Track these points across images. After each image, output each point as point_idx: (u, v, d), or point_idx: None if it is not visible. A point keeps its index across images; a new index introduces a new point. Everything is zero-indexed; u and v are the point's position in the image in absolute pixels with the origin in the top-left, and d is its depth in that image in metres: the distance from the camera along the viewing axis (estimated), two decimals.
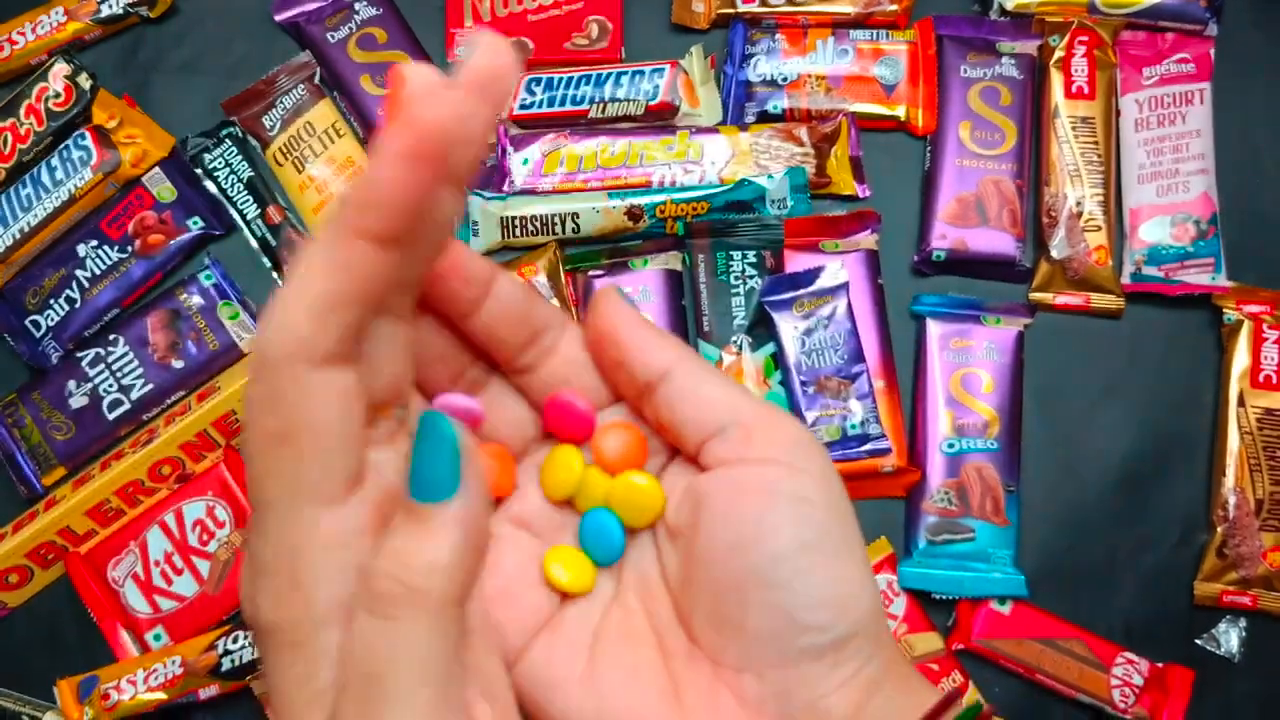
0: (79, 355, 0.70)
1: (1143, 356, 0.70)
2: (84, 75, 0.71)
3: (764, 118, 0.71)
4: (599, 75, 0.70)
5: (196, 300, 0.70)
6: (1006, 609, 0.66)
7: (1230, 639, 0.67)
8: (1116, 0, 0.71)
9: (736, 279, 0.68)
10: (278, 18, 0.74)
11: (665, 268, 0.69)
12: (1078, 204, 0.69)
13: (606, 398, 0.32)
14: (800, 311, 0.67)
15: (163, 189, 0.71)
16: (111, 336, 0.70)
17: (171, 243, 0.71)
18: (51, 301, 0.70)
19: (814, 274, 0.67)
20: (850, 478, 0.66)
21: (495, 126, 0.23)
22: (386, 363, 0.26)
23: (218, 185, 0.72)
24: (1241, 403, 0.68)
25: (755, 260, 0.68)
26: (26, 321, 0.70)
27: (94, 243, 0.71)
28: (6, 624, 0.70)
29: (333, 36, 0.72)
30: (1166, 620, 0.68)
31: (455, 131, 0.22)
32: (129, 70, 0.74)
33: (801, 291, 0.67)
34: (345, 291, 0.23)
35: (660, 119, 0.71)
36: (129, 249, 0.71)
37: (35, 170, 0.71)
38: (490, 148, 0.71)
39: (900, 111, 0.71)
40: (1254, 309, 0.68)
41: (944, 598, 0.66)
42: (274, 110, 0.72)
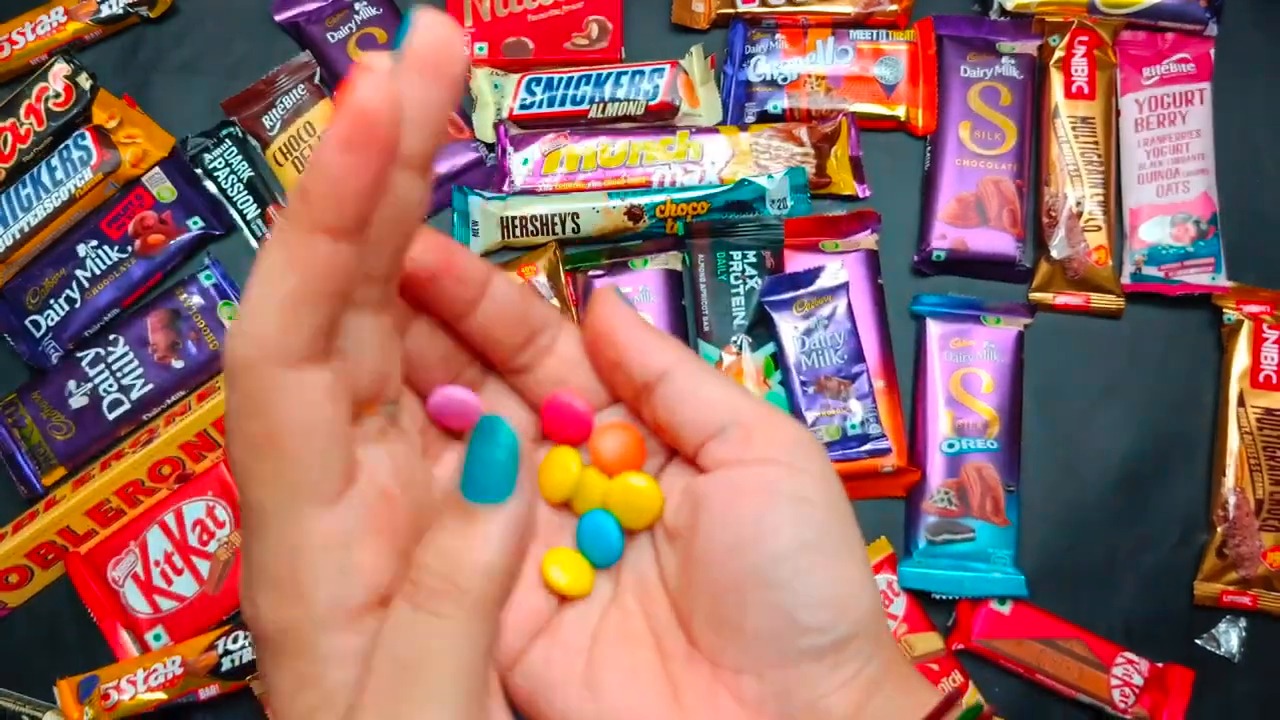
0: (79, 355, 0.70)
1: (1143, 356, 0.70)
2: (84, 75, 0.71)
3: (764, 118, 0.71)
4: (599, 75, 0.70)
5: (196, 300, 0.70)
6: (1006, 609, 0.66)
7: (1230, 639, 0.67)
8: (1116, 0, 0.71)
9: (736, 279, 0.68)
10: (278, 18, 0.74)
11: (665, 268, 0.69)
12: (1078, 204, 0.69)
13: (604, 399, 0.31)
14: (800, 311, 0.67)
15: (163, 189, 0.71)
16: (111, 336, 0.70)
17: (171, 243, 0.71)
18: (51, 301, 0.70)
19: (814, 274, 0.67)
20: (850, 478, 0.66)
21: (454, 105, 0.23)
22: (367, 358, 0.25)
23: (218, 185, 0.72)
24: (1241, 403, 0.68)
25: (755, 260, 0.68)
26: (26, 321, 0.70)
27: (94, 243, 0.71)
28: (6, 624, 0.70)
29: (333, 36, 0.72)
30: (1166, 620, 0.68)
31: (393, 115, 0.21)
32: (129, 70, 0.74)
33: (801, 291, 0.67)
34: (309, 289, 0.22)
35: (660, 119, 0.71)
36: (129, 249, 0.71)
37: (35, 170, 0.71)
38: (489, 146, 0.72)
39: (900, 111, 0.71)
40: (1254, 309, 0.68)
41: (944, 598, 0.66)
42: (274, 110, 0.72)
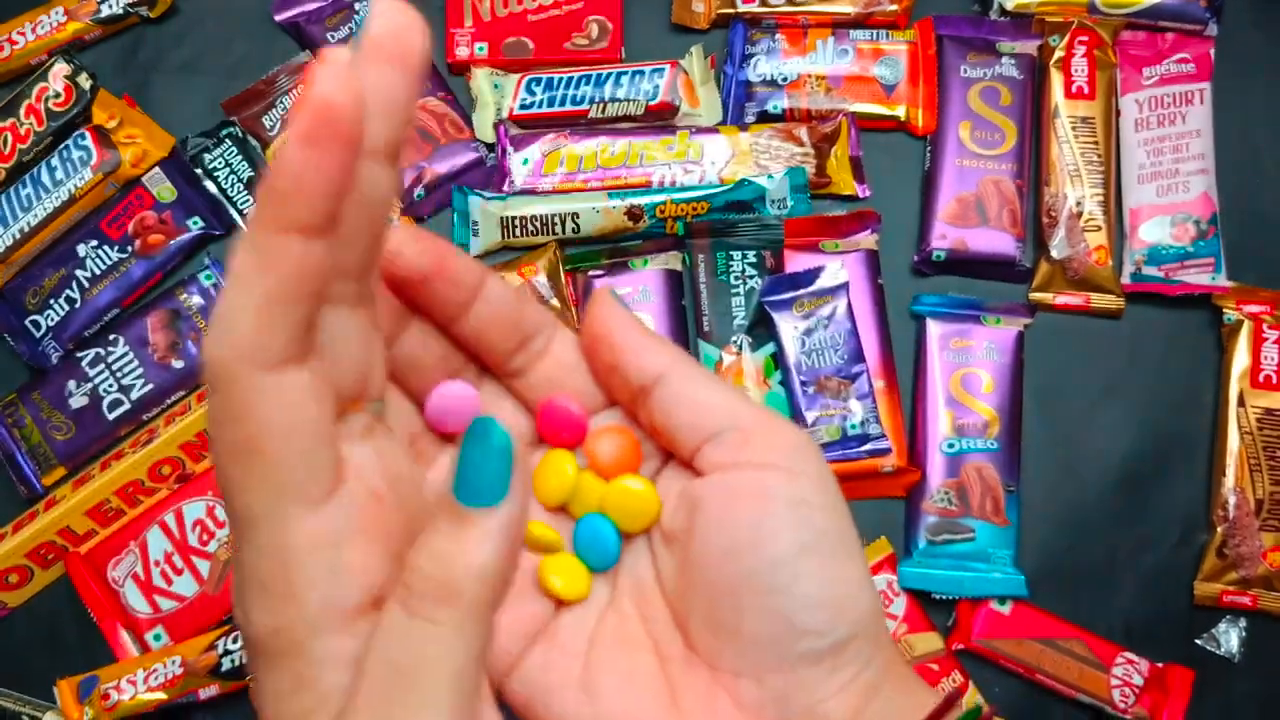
0: (79, 355, 0.70)
1: (1143, 356, 0.70)
2: (84, 75, 0.71)
3: (764, 118, 0.71)
4: (599, 75, 0.70)
5: (196, 300, 0.70)
6: (1006, 609, 0.66)
7: (1230, 639, 0.67)
8: (1116, 0, 0.71)
9: (736, 279, 0.68)
10: (278, 18, 0.74)
11: (665, 268, 0.69)
12: (1078, 204, 0.69)
13: (600, 401, 0.31)
14: (800, 311, 0.66)
15: (163, 189, 0.71)
16: (111, 336, 0.70)
17: (171, 243, 0.71)
18: (51, 301, 0.70)
19: (814, 274, 0.67)
20: (850, 478, 0.66)
21: (418, 92, 0.23)
22: (347, 354, 0.25)
23: (218, 185, 0.72)
24: (1241, 403, 0.67)
25: (755, 260, 0.68)
26: (26, 321, 0.70)
27: (94, 243, 0.71)
28: (6, 624, 0.70)
29: (333, 36, 0.72)
30: (1166, 620, 0.68)
31: (355, 106, 0.21)
32: (129, 70, 0.74)
33: (801, 291, 0.67)
34: (283, 290, 0.22)
35: (660, 119, 0.71)
36: (129, 249, 0.71)
37: (35, 170, 0.71)
38: (489, 146, 0.72)
39: (900, 111, 0.71)
40: (1254, 309, 0.68)
41: (944, 598, 0.66)
42: (274, 110, 0.72)
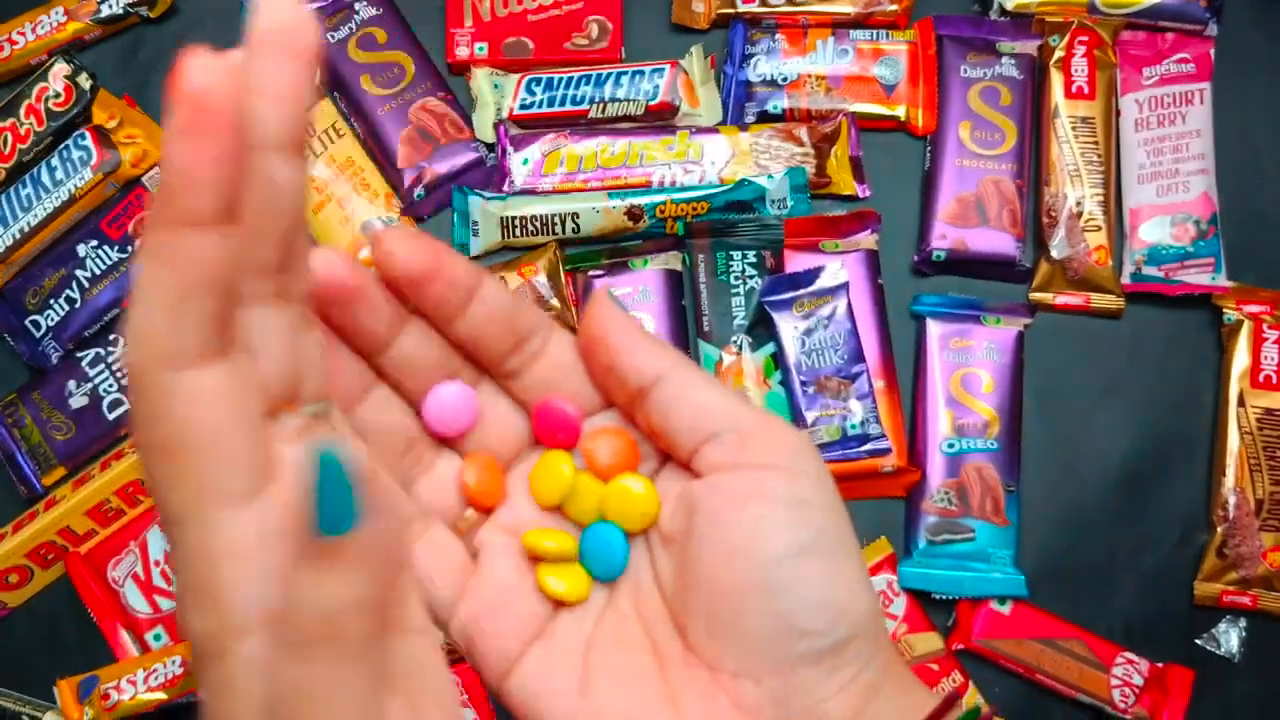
0: (79, 355, 0.70)
1: (1143, 356, 0.70)
2: (84, 75, 0.71)
3: (764, 118, 0.71)
4: (599, 75, 0.70)
5: None
6: (1006, 609, 0.66)
7: (1230, 639, 0.67)
8: (1116, 0, 0.71)
9: (736, 279, 0.68)
10: None
11: (665, 268, 0.69)
12: (1078, 204, 0.69)
13: (596, 402, 0.31)
14: (800, 311, 0.66)
15: None
16: (111, 336, 0.70)
17: None
18: (51, 301, 0.70)
19: (814, 274, 0.67)
20: (850, 478, 0.66)
21: (312, 81, 0.23)
22: (271, 353, 0.25)
23: None
24: (1241, 403, 0.67)
25: (755, 260, 0.68)
26: (26, 321, 0.70)
27: (94, 243, 0.71)
28: (6, 624, 0.70)
29: (333, 36, 0.72)
30: (1166, 620, 0.68)
31: (224, 94, 0.21)
32: (129, 70, 0.74)
33: (801, 291, 0.67)
34: (186, 286, 0.22)
35: (660, 119, 0.71)
36: (129, 249, 0.71)
37: (35, 170, 0.71)
38: (489, 146, 0.71)
39: (900, 111, 0.71)
40: (1254, 309, 0.68)
41: (944, 598, 0.66)
42: None
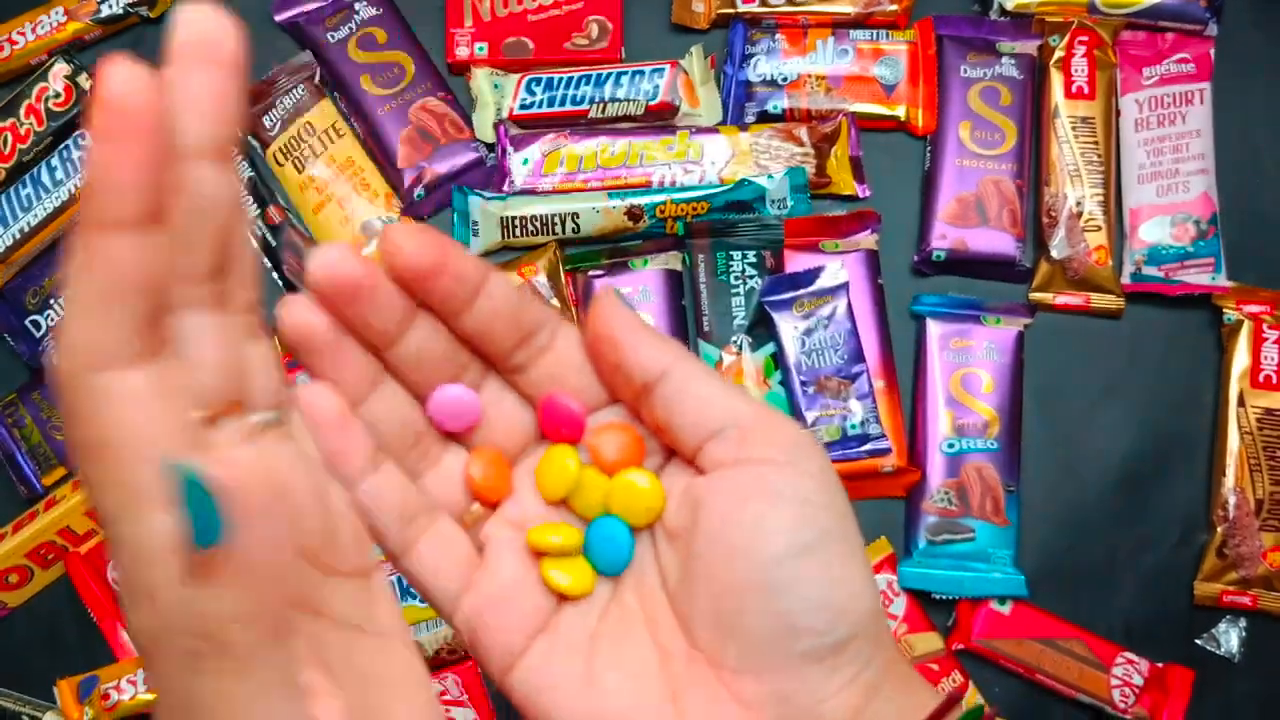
0: None
1: (1143, 356, 0.70)
2: (84, 75, 0.71)
3: (764, 118, 0.71)
4: (599, 75, 0.70)
5: None
6: (1006, 609, 0.66)
7: (1230, 639, 0.67)
8: (1116, 0, 0.71)
9: (736, 279, 0.68)
10: (278, 18, 0.74)
11: (665, 268, 0.69)
12: (1078, 204, 0.69)
13: (602, 397, 0.31)
14: (800, 311, 0.66)
15: None
16: None
17: None
18: (51, 301, 0.70)
19: (814, 274, 0.67)
20: (850, 478, 0.66)
21: (236, 91, 0.24)
22: (208, 359, 0.25)
23: None
24: (1241, 403, 0.67)
25: (755, 260, 0.68)
26: (26, 321, 0.70)
27: None
28: (6, 624, 0.70)
29: (333, 36, 0.72)
30: (1166, 620, 0.68)
31: (141, 98, 0.21)
32: None
33: (801, 291, 0.67)
34: (109, 288, 0.22)
35: (660, 119, 0.71)
36: None
37: (35, 170, 0.71)
38: (489, 146, 0.71)
39: (900, 111, 0.71)
40: (1254, 309, 0.68)
41: (944, 598, 0.66)
42: (274, 110, 0.71)
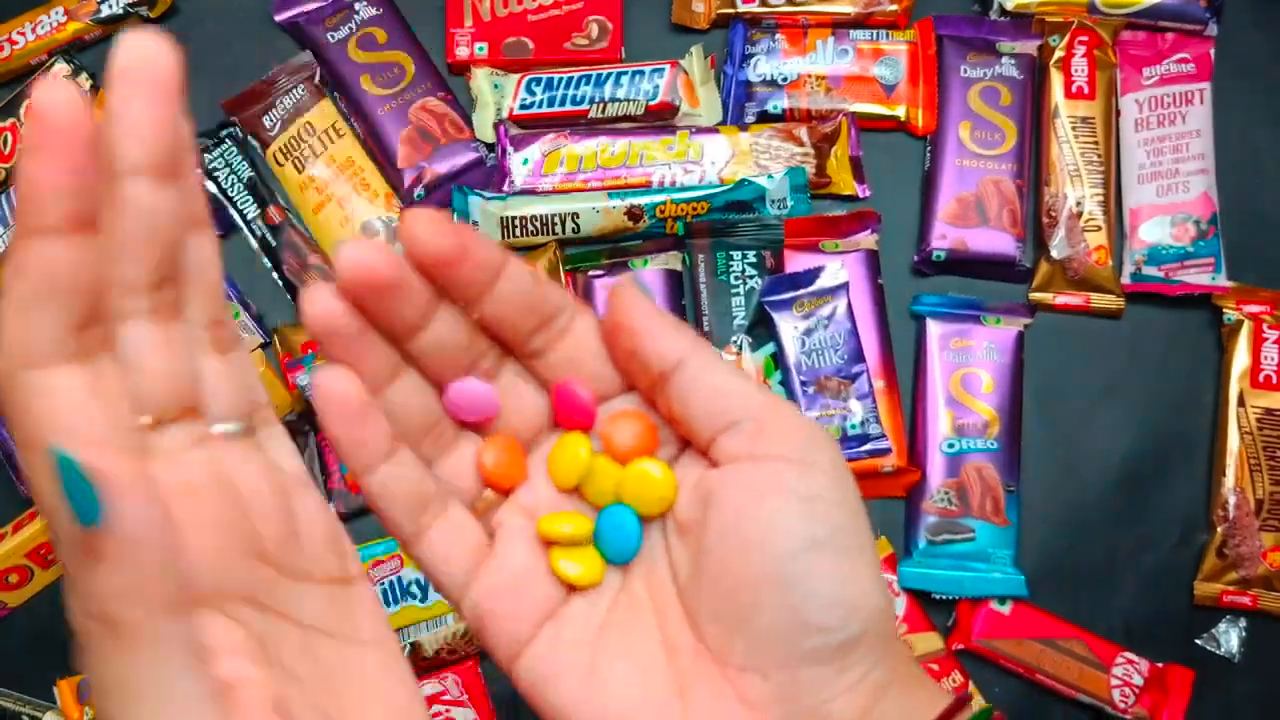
0: None
1: (1143, 356, 0.70)
2: (84, 75, 0.71)
3: (764, 118, 0.71)
4: (599, 75, 0.70)
5: None
6: (1006, 609, 0.66)
7: (1230, 639, 0.67)
8: (1116, 0, 0.71)
9: (736, 279, 0.68)
10: (278, 18, 0.74)
11: (665, 268, 0.69)
12: (1078, 204, 0.69)
13: (617, 384, 0.32)
14: (800, 311, 0.67)
15: None
16: None
17: None
18: None
19: (814, 274, 0.67)
20: None
21: (173, 115, 0.24)
22: (151, 366, 0.25)
23: (218, 185, 0.72)
24: (1241, 403, 0.67)
25: (755, 260, 0.68)
26: None
27: None
28: (6, 624, 0.70)
29: (333, 36, 0.72)
30: (1166, 620, 0.68)
31: (68, 114, 0.22)
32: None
33: (801, 291, 0.67)
34: (38, 288, 0.23)
35: (660, 119, 0.71)
36: None
37: None
38: (489, 146, 0.72)
39: (900, 111, 0.71)
40: (1254, 309, 0.68)
41: (944, 598, 0.66)
42: (274, 110, 0.71)
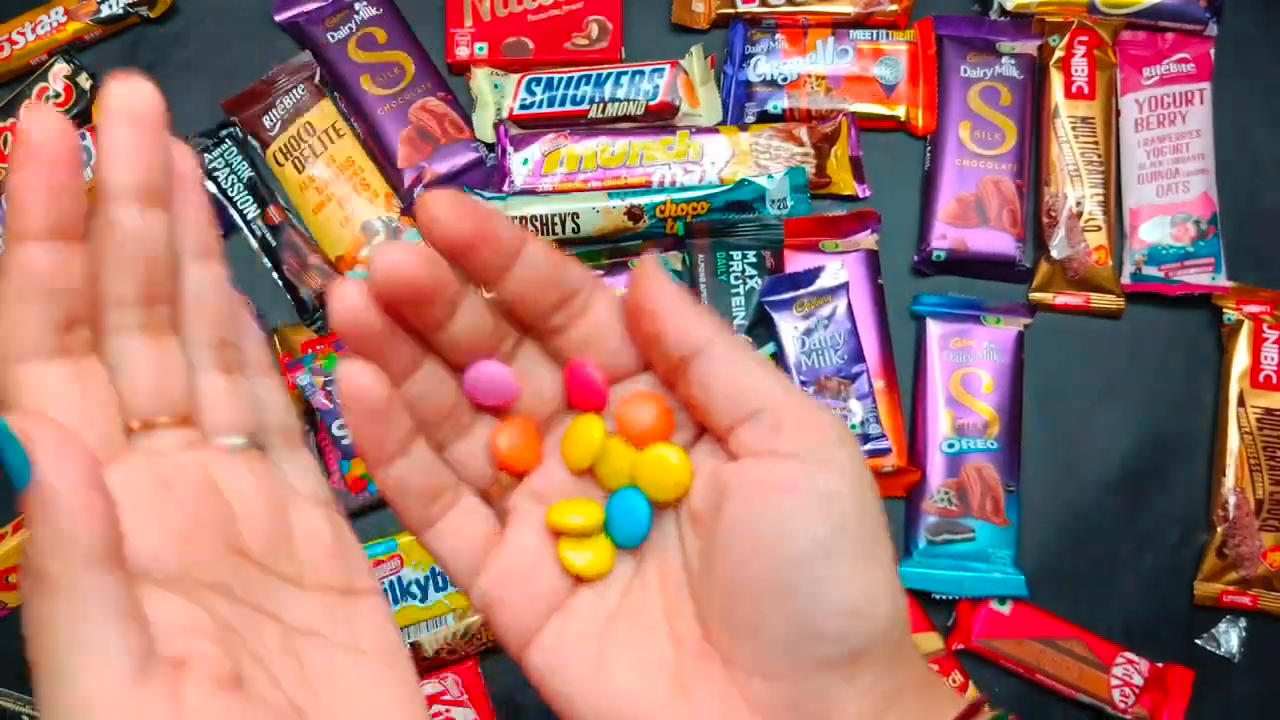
0: None
1: (1143, 356, 0.70)
2: (84, 75, 0.71)
3: (764, 118, 0.71)
4: (599, 75, 0.70)
5: None
6: (1006, 609, 0.66)
7: (1230, 639, 0.67)
8: (1116, 0, 0.71)
9: (736, 279, 0.68)
10: (278, 18, 0.74)
11: (665, 268, 0.69)
12: (1078, 204, 0.69)
13: (634, 363, 0.31)
14: (800, 311, 0.67)
15: None
16: None
17: None
18: None
19: (814, 274, 0.67)
20: None
21: (160, 146, 0.29)
22: (138, 376, 0.27)
23: (218, 185, 0.72)
24: (1241, 403, 0.67)
25: (755, 260, 0.68)
26: None
27: None
28: (6, 624, 0.69)
29: (333, 36, 0.72)
30: (1166, 620, 0.68)
31: (51, 135, 0.25)
32: (129, 70, 0.74)
33: (801, 291, 0.67)
34: (24, 288, 0.25)
35: (660, 119, 0.71)
36: None
37: None
38: (489, 146, 0.72)
39: (900, 111, 0.71)
40: (1254, 309, 0.68)
41: (944, 598, 0.66)
42: (274, 110, 0.71)
